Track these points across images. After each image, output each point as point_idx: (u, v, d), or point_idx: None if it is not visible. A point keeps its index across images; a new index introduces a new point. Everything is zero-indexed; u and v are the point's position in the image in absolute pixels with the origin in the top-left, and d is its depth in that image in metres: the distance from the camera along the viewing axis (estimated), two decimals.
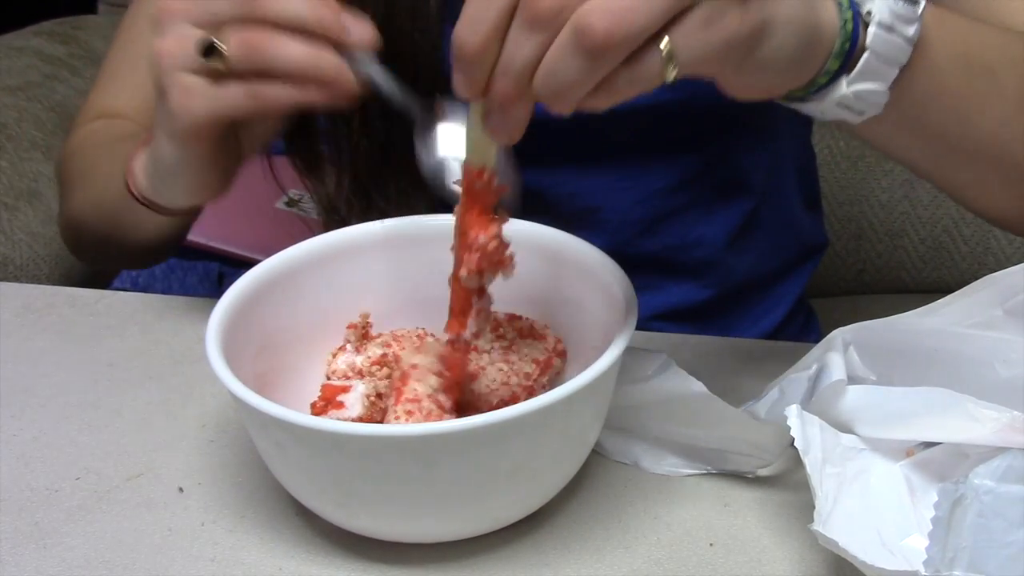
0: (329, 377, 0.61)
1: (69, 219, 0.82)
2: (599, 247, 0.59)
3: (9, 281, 1.06)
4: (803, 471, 0.51)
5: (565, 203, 0.77)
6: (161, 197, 0.68)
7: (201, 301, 0.75)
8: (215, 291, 1.07)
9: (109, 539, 0.55)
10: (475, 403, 0.58)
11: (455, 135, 0.49)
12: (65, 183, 0.84)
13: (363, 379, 0.60)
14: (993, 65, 0.60)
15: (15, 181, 1.19)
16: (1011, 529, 0.44)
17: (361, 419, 0.57)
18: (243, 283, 0.58)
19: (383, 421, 0.57)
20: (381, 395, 0.58)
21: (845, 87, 0.53)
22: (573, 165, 0.77)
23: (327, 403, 0.58)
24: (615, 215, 0.78)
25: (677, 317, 0.81)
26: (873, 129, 0.57)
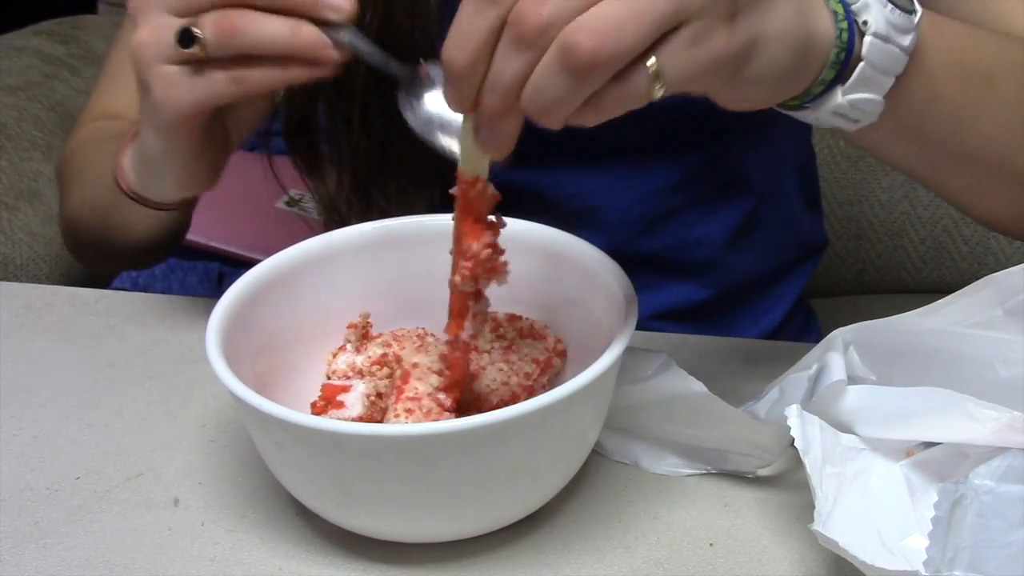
0: (329, 377, 0.61)
1: (67, 219, 0.82)
2: (599, 247, 0.59)
3: (9, 281, 1.06)
4: (803, 471, 0.51)
5: (565, 203, 0.77)
6: (150, 191, 0.67)
7: (201, 301, 0.75)
8: (215, 291, 1.07)
9: (109, 539, 0.55)
10: (475, 403, 0.58)
11: (439, 99, 0.49)
12: (63, 183, 0.84)
13: (363, 379, 0.60)
14: (991, 72, 0.60)
15: (15, 181, 1.19)
16: (1011, 529, 0.44)
17: (361, 419, 0.57)
18: (243, 283, 0.58)
19: (383, 421, 0.57)
20: (381, 395, 0.58)
21: (840, 96, 0.53)
22: (573, 165, 0.77)
23: (327, 403, 0.58)
24: (615, 215, 0.78)
25: (677, 317, 0.81)
26: (869, 136, 0.57)
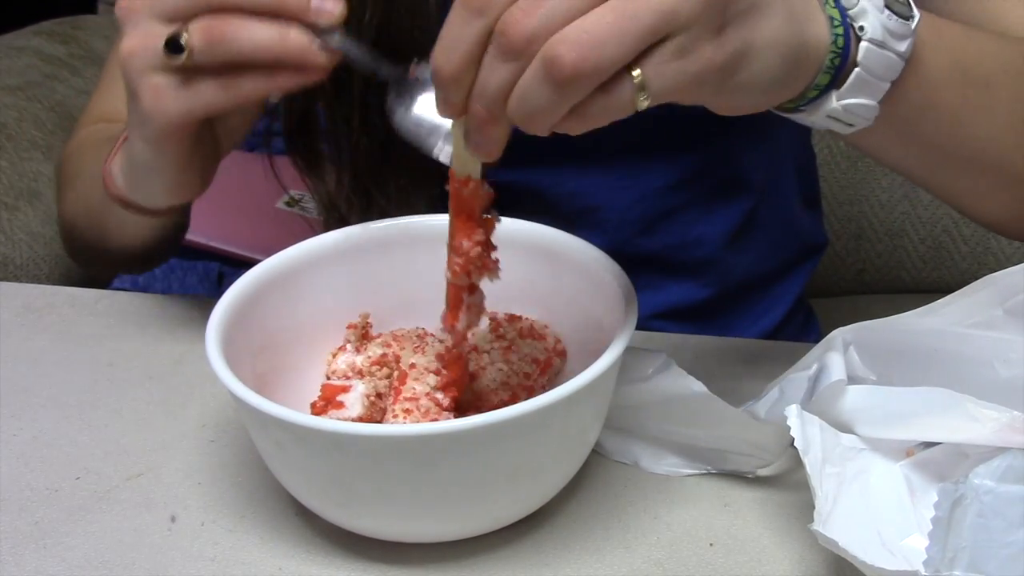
0: (329, 377, 0.61)
1: (63, 222, 0.82)
2: (599, 246, 0.59)
3: (9, 281, 1.06)
4: (803, 471, 0.51)
5: (565, 203, 0.77)
6: (139, 197, 0.66)
7: (201, 301, 0.75)
8: (215, 291, 1.07)
9: (109, 539, 0.55)
10: (475, 403, 0.58)
11: (430, 100, 0.49)
12: (60, 186, 0.83)
13: (363, 379, 0.60)
14: (989, 75, 0.60)
15: (15, 181, 1.19)
16: (1011, 529, 0.44)
17: (361, 419, 0.57)
18: (243, 283, 0.58)
19: (383, 421, 0.57)
20: (381, 395, 0.58)
21: (835, 101, 0.53)
22: (573, 164, 0.77)
23: (327, 403, 0.58)
24: (615, 214, 0.78)
25: (677, 316, 0.81)
26: (866, 139, 0.57)
